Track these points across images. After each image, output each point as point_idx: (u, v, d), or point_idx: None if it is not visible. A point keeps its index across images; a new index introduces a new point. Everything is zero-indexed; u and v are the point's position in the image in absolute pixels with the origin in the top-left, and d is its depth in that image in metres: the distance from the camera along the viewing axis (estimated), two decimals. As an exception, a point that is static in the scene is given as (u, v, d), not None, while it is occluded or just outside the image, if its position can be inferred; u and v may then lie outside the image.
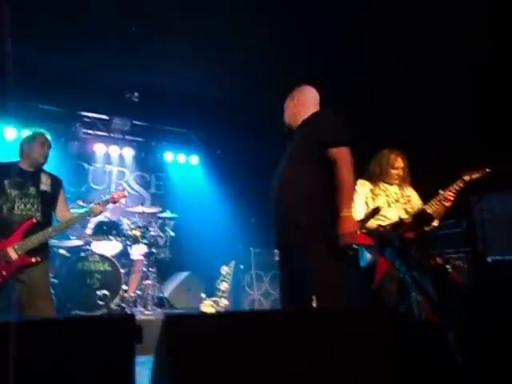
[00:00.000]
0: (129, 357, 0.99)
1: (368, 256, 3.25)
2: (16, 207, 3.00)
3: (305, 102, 2.61)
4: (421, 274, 2.91)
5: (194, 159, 7.39)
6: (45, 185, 3.17)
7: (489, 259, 4.54)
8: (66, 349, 0.98)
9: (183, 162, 7.34)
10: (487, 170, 3.15)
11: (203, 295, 5.63)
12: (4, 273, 2.88)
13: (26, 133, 3.30)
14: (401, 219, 3.20)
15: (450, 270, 3.45)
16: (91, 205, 3.36)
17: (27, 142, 3.18)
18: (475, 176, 3.18)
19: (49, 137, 3.27)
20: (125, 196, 3.61)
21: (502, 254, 4.39)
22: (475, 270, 4.49)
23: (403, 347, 1.19)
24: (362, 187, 3.40)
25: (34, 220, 3.02)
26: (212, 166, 7.32)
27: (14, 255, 2.91)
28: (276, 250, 3.97)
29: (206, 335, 1.03)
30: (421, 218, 3.19)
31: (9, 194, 3.00)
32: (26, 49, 4.64)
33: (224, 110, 6.07)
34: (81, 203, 3.42)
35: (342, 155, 2.28)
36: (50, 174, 3.27)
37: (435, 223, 3.30)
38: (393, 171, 3.38)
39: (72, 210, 3.51)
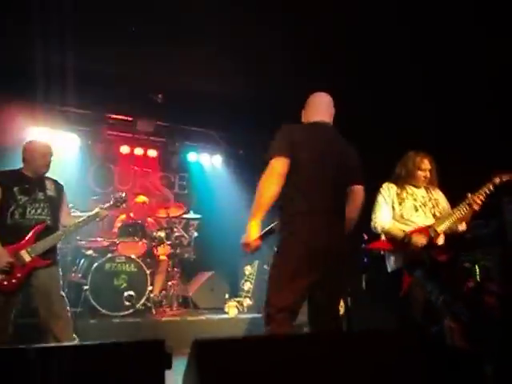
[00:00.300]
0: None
1: (394, 261, 3.19)
2: (27, 212, 3.08)
3: (311, 110, 2.60)
4: (453, 298, 2.82)
5: (217, 159, 7.42)
6: (50, 190, 3.25)
7: (521, 261, 4.39)
8: (93, 375, 0.99)
9: (206, 162, 7.39)
10: (518, 171, 3.06)
11: (227, 296, 5.66)
12: (19, 275, 2.97)
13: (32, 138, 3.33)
14: (433, 242, 3.11)
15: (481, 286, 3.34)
16: (97, 209, 3.42)
17: (29, 151, 3.22)
18: (506, 178, 3.09)
19: (50, 145, 3.32)
20: (125, 200, 3.64)
21: (535, 256, 4.25)
22: (506, 272, 4.35)
23: (436, 376, 1.15)
24: (388, 191, 3.32)
25: (45, 224, 3.11)
26: (235, 166, 7.34)
27: (27, 258, 3.00)
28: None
29: (240, 365, 1.02)
30: (454, 239, 3.12)
31: (19, 200, 3.07)
32: (52, 53, 4.75)
33: (247, 110, 6.05)
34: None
35: (267, 167, 2.30)
36: (52, 180, 3.34)
37: (463, 227, 3.22)
38: (419, 173, 3.29)
39: (81, 214, 3.57)
